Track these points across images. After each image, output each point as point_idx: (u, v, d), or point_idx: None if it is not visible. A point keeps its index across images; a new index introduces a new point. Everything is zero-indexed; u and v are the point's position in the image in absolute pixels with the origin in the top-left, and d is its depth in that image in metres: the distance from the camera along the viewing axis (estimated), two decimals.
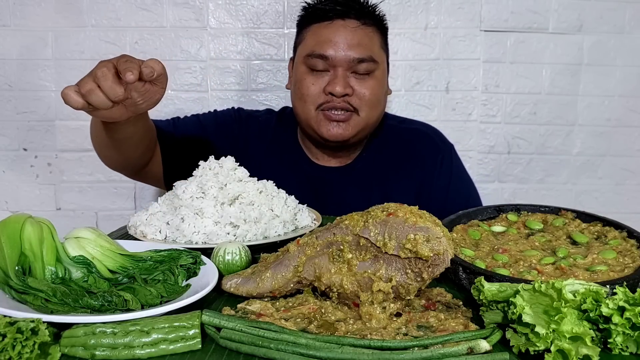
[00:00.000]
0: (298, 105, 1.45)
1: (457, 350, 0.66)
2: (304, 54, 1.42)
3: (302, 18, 1.48)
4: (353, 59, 1.37)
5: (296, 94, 1.45)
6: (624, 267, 0.87)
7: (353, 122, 1.41)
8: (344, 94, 1.37)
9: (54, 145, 2.05)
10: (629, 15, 2.02)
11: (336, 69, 1.38)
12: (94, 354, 0.67)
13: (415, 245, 0.75)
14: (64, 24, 1.97)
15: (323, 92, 1.39)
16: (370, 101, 1.40)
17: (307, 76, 1.41)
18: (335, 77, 1.38)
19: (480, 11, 2.00)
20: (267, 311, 0.79)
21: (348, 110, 1.40)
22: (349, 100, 1.38)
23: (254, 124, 1.57)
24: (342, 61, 1.37)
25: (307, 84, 1.40)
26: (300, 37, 1.47)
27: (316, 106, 1.40)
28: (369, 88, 1.40)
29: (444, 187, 1.53)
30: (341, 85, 1.36)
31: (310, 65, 1.40)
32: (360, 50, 1.38)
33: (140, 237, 1.07)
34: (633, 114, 2.08)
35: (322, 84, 1.39)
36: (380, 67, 1.43)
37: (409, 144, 1.56)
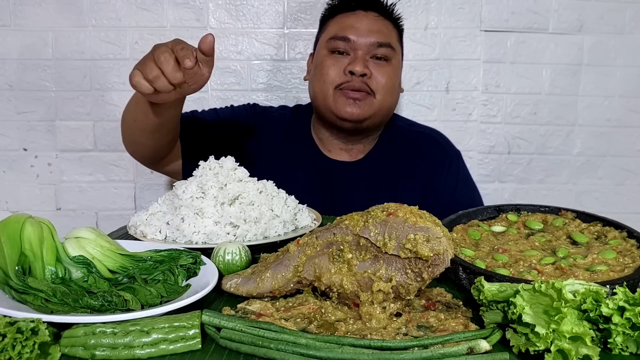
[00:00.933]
0: (317, 87, 1.49)
1: (457, 350, 0.66)
2: (326, 39, 1.49)
3: (326, 12, 1.56)
4: (373, 43, 1.44)
5: (316, 76, 1.50)
6: (624, 267, 0.86)
7: (369, 103, 1.45)
8: (363, 73, 1.42)
9: (54, 145, 2.05)
10: (629, 16, 2.02)
11: (356, 51, 1.44)
12: (94, 354, 0.66)
13: (415, 245, 0.75)
14: (64, 24, 1.97)
15: (343, 72, 1.44)
16: (386, 86, 1.46)
17: (328, 59, 1.47)
18: (355, 59, 1.44)
19: (480, 11, 2.00)
20: (267, 311, 0.79)
21: (365, 92, 1.44)
22: (367, 81, 1.43)
23: (269, 117, 1.62)
24: (363, 45, 1.44)
25: (328, 65, 1.46)
26: (323, 29, 1.54)
27: (335, 86, 1.45)
28: (386, 74, 1.46)
29: (450, 191, 1.55)
30: (360, 65, 1.42)
31: (332, 48, 1.47)
32: (380, 35, 1.46)
33: (140, 237, 1.07)
34: (633, 114, 2.08)
35: (342, 65, 1.45)
36: (397, 57, 1.50)
37: (417, 147, 1.59)
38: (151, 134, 1.31)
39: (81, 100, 2.02)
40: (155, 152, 1.41)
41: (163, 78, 1.02)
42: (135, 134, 1.34)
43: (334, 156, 1.57)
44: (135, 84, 1.04)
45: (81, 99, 2.02)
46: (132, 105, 1.29)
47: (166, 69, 1.01)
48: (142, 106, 1.21)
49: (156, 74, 1.02)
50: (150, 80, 1.02)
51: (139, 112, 1.25)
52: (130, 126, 1.33)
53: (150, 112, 1.21)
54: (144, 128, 1.29)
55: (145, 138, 1.33)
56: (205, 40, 1.02)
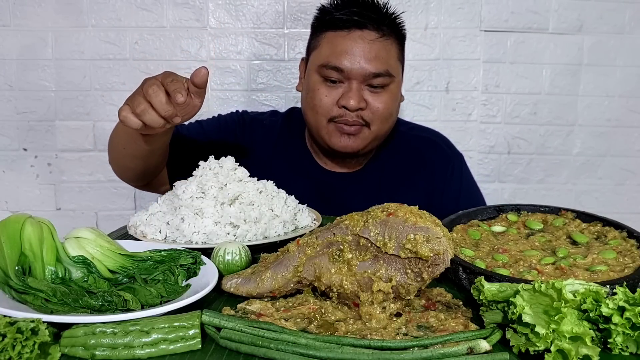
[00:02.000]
0: (309, 115, 1.43)
1: (457, 350, 0.66)
2: (318, 63, 1.39)
3: (317, 21, 1.44)
4: (369, 73, 1.34)
5: (308, 103, 1.43)
6: (624, 267, 0.86)
7: (363, 136, 1.40)
8: (358, 108, 1.35)
9: (54, 145, 2.05)
10: (629, 16, 2.02)
11: (351, 81, 1.35)
12: (94, 354, 0.66)
13: (415, 245, 0.75)
14: (64, 24, 1.97)
15: (336, 104, 1.37)
16: (382, 115, 1.39)
17: (321, 87, 1.38)
18: (349, 91, 1.35)
19: (480, 11, 2.00)
20: (267, 311, 0.79)
21: (360, 125, 1.38)
22: (361, 114, 1.37)
23: (258, 127, 1.55)
24: (358, 74, 1.34)
25: (320, 95, 1.38)
26: (315, 43, 1.43)
27: (328, 118, 1.38)
28: (383, 102, 1.38)
29: (454, 197, 1.51)
30: (355, 99, 1.34)
31: (324, 75, 1.37)
32: (376, 64, 1.35)
33: (140, 237, 1.07)
34: (633, 114, 2.08)
35: (336, 96, 1.37)
36: (396, 80, 1.41)
37: (419, 153, 1.54)
38: (141, 159, 1.28)
39: (81, 100, 2.02)
40: (144, 176, 1.39)
41: (151, 111, 1.00)
42: (124, 159, 1.32)
43: (330, 167, 1.52)
44: (123, 119, 1.01)
45: (81, 99, 2.02)
46: (121, 133, 1.26)
47: (155, 102, 0.99)
48: (130, 135, 1.18)
49: (143, 108, 0.99)
50: (138, 114, 1.00)
51: (128, 140, 1.23)
52: (119, 153, 1.31)
53: (140, 140, 1.19)
54: (134, 154, 1.26)
55: (134, 164, 1.31)
56: (198, 74, 1.00)
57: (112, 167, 1.41)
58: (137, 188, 1.50)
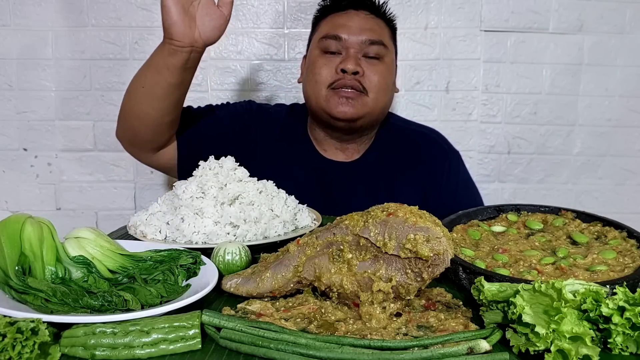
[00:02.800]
0: (309, 87, 1.48)
1: (457, 350, 0.66)
2: (318, 38, 1.48)
3: (318, 13, 1.55)
4: (365, 40, 1.43)
5: (308, 77, 1.49)
6: (624, 267, 0.86)
7: (362, 102, 1.43)
8: (355, 71, 1.41)
9: (54, 145, 2.05)
10: (629, 15, 2.02)
11: (348, 50, 1.43)
12: (94, 354, 0.66)
13: (415, 245, 0.75)
14: (64, 23, 1.97)
15: (335, 71, 1.43)
16: (379, 84, 1.44)
17: (320, 58, 1.46)
18: (347, 57, 1.42)
19: (480, 11, 2.00)
20: (267, 311, 0.79)
21: (358, 90, 1.42)
22: (359, 79, 1.42)
23: (265, 114, 1.61)
24: (355, 43, 1.43)
25: (320, 64, 1.45)
26: (315, 30, 1.54)
27: (327, 85, 1.44)
28: (379, 72, 1.44)
29: (451, 193, 1.54)
30: (352, 63, 1.41)
31: (323, 47, 1.46)
32: (371, 33, 1.44)
33: (140, 237, 1.07)
34: (633, 114, 2.08)
35: (334, 64, 1.43)
36: (390, 55, 1.49)
37: (416, 147, 1.58)
38: (158, 100, 1.28)
39: (81, 100, 2.02)
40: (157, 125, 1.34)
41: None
42: (139, 103, 1.30)
43: (330, 156, 1.56)
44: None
45: (81, 99, 2.02)
46: (143, 70, 1.30)
47: None
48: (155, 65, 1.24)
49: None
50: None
51: (150, 73, 1.26)
52: (136, 95, 1.30)
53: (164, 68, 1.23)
54: (153, 93, 1.27)
55: (150, 107, 1.29)
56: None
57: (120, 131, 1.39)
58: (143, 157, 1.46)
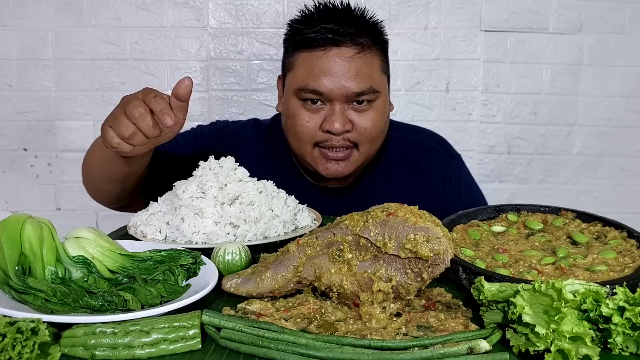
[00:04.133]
0: (292, 141, 1.33)
1: (457, 350, 0.66)
2: (295, 87, 1.28)
3: (290, 40, 1.32)
4: (351, 93, 1.24)
5: (290, 130, 1.32)
6: (624, 267, 0.86)
7: (353, 159, 1.31)
8: (344, 130, 1.26)
9: (54, 145, 2.05)
10: (629, 16, 2.02)
11: (333, 103, 1.25)
12: (94, 354, 0.66)
13: (415, 245, 0.75)
14: (64, 23, 1.97)
15: (320, 129, 1.27)
16: (371, 135, 1.29)
17: (301, 111, 1.28)
18: (332, 114, 1.25)
19: (480, 11, 2.00)
20: (267, 311, 0.79)
21: (347, 147, 1.29)
22: (348, 137, 1.27)
23: (240, 141, 1.44)
24: (339, 95, 1.24)
25: (302, 120, 1.27)
26: (289, 62, 1.32)
27: (313, 144, 1.29)
28: (370, 121, 1.28)
29: (455, 201, 1.42)
30: (340, 122, 1.24)
31: (303, 98, 1.27)
32: (358, 82, 1.24)
33: (140, 237, 1.07)
34: (633, 114, 2.08)
35: (319, 119, 1.27)
36: (382, 95, 1.30)
37: (415, 160, 1.45)
38: (119, 182, 1.22)
39: (81, 100, 2.02)
40: (121, 198, 1.32)
41: (139, 134, 0.94)
42: (100, 182, 1.26)
43: (320, 183, 1.42)
44: (117, 146, 0.96)
45: (81, 99, 2.02)
46: (97, 156, 1.20)
47: (142, 125, 0.93)
48: (110, 158, 1.12)
49: (132, 131, 0.94)
50: (127, 138, 0.95)
51: (105, 163, 1.16)
52: (96, 176, 1.25)
53: (119, 163, 1.12)
54: (111, 177, 1.20)
55: (111, 187, 1.24)
56: (182, 85, 0.94)
57: (87, 189, 1.34)
58: (112, 209, 1.43)
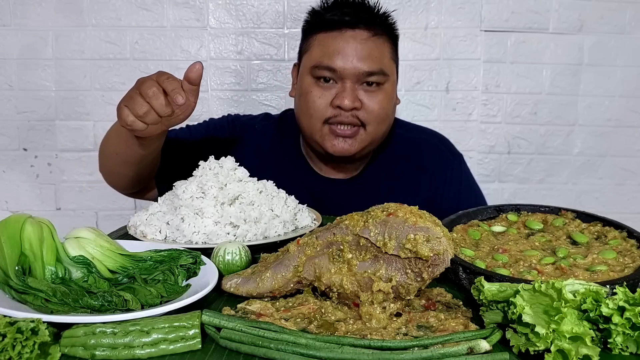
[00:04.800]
0: (303, 119, 1.39)
1: (457, 350, 0.66)
2: (310, 65, 1.35)
3: (308, 24, 1.41)
4: (362, 72, 1.31)
5: (301, 108, 1.39)
6: (624, 267, 0.86)
7: (359, 138, 1.36)
8: (353, 107, 1.31)
9: (54, 145, 2.05)
10: (629, 15, 2.02)
11: (344, 81, 1.32)
12: (94, 354, 0.66)
13: (415, 245, 0.75)
14: (65, 23, 1.97)
15: (330, 105, 1.33)
16: (378, 116, 1.35)
17: (314, 89, 1.34)
18: (343, 90, 1.32)
19: (480, 11, 2.00)
20: (267, 311, 0.79)
21: (355, 125, 1.34)
22: (357, 114, 1.33)
23: (251, 133, 1.50)
24: (351, 74, 1.31)
25: (314, 97, 1.34)
26: (306, 45, 1.40)
27: (323, 120, 1.34)
28: (378, 102, 1.34)
29: (454, 199, 1.47)
30: (350, 98, 1.30)
31: (316, 76, 1.34)
32: (370, 62, 1.32)
33: (140, 237, 1.07)
34: (633, 114, 2.08)
35: (330, 97, 1.33)
36: (390, 80, 1.37)
37: (417, 157, 1.50)
38: (134, 165, 1.26)
39: (81, 100, 2.02)
40: (136, 183, 1.36)
41: (153, 112, 1.00)
42: (116, 166, 1.30)
43: (326, 174, 1.48)
44: (131, 124, 1.02)
45: (81, 99, 2.02)
46: (113, 139, 1.25)
47: (155, 104, 0.99)
48: (125, 139, 1.17)
49: (146, 110, 1.00)
50: (141, 116, 1.00)
51: (121, 145, 1.21)
52: (111, 158, 1.29)
53: (134, 145, 1.17)
54: (127, 160, 1.25)
55: (127, 170, 1.28)
56: (192, 69, 1.00)
57: (103, 174, 1.39)
58: (127, 195, 1.48)
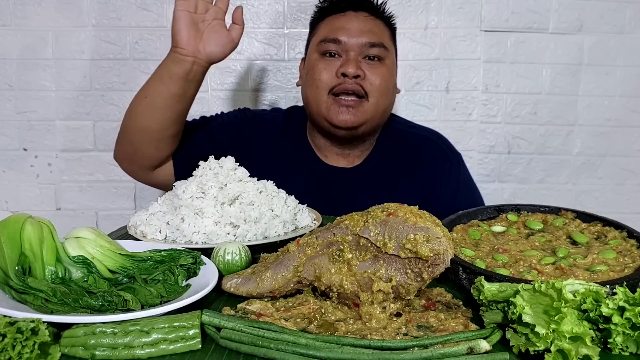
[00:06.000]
0: (310, 92, 1.46)
1: (457, 350, 0.66)
2: (317, 42, 1.46)
3: (315, 15, 1.53)
4: (365, 43, 1.41)
5: (308, 81, 1.47)
6: (624, 267, 0.87)
7: (362, 109, 1.41)
8: (356, 74, 1.38)
9: (54, 145, 2.05)
10: (629, 15, 2.02)
11: (348, 53, 1.41)
12: (94, 354, 0.67)
13: (415, 245, 0.75)
14: (64, 23, 1.97)
15: (335, 75, 1.40)
16: (380, 87, 1.42)
17: (320, 62, 1.44)
18: (347, 60, 1.40)
19: (480, 11, 2.00)
20: (267, 311, 0.79)
21: (359, 96, 1.40)
22: (360, 83, 1.40)
23: (260, 121, 1.58)
24: (355, 45, 1.41)
25: (320, 69, 1.43)
26: (313, 32, 1.51)
27: (328, 90, 1.41)
28: (380, 74, 1.42)
29: (451, 196, 1.52)
30: (353, 66, 1.38)
31: (322, 50, 1.43)
32: (371, 35, 1.42)
33: (140, 237, 1.07)
34: (633, 114, 2.08)
35: (335, 68, 1.41)
36: (390, 57, 1.47)
37: (417, 151, 1.55)
38: (160, 111, 1.30)
39: (81, 100, 2.02)
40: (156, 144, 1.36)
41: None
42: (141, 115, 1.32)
43: (331, 162, 1.54)
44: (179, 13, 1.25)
45: (81, 99, 2.02)
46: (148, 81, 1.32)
47: None
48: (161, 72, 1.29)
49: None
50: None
51: (154, 82, 1.30)
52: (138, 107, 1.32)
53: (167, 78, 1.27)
54: (154, 104, 1.29)
55: (151, 119, 1.31)
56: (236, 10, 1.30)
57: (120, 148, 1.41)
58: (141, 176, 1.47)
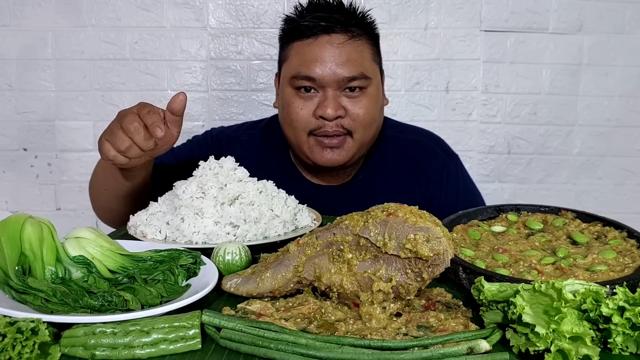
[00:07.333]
0: (288, 131, 1.36)
1: (457, 350, 0.66)
2: (289, 75, 1.32)
3: (284, 33, 1.37)
4: (343, 78, 1.27)
5: (285, 119, 1.35)
6: (624, 267, 0.86)
7: (347, 146, 1.32)
8: (336, 116, 1.27)
9: (54, 145, 2.05)
10: (629, 15, 2.02)
11: (325, 89, 1.28)
12: (94, 354, 0.66)
13: (415, 245, 0.75)
14: (64, 24, 1.97)
15: (313, 116, 1.29)
16: (364, 121, 1.31)
17: (295, 99, 1.31)
18: (325, 99, 1.27)
19: (480, 11, 2.00)
20: (267, 311, 0.79)
21: (341, 135, 1.31)
22: (341, 122, 1.29)
23: (236, 145, 1.47)
24: (331, 81, 1.27)
25: (296, 108, 1.30)
26: (284, 54, 1.36)
27: (307, 132, 1.31)
28: (363, 107, 1.30)
29: (452, 201, 1.43)
30: (332, 107, 1.26)
31: (296, 86, 1.30)
32: (349, 67, 1.27)
33: (140, 237, 1.07)
34: (633, 114, 2.08)
35: (312, 107, 1.29)
36: (374, 82, 1.33)
37: (413, 159, 1.46)
38: (124, 198, 1.26)
39: (81, 100, 2.03)
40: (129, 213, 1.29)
41: (135, 147, 1.01)
42: (107, 201, 1.30)
43: (317, 180, 1.44)
44: (113, 158, 1.03)
45: (81, 99, 2.02)
46: (100, 175, 1.26)
47: (137, 139, 1.00)
48: (111, 173, 1.19)
49: (128, 145, 1.01)
50: (123, 151, 1.02)
51: (108, 180, 1.22)
52: (101, 195, 1.30)
53: (120, 177, 1.19)
54: (117, 194, 1.25)
55: (119, 204, 1.28)
56: (176, 100, 1.01)
57: (96, 211, 1.39)
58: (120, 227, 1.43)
